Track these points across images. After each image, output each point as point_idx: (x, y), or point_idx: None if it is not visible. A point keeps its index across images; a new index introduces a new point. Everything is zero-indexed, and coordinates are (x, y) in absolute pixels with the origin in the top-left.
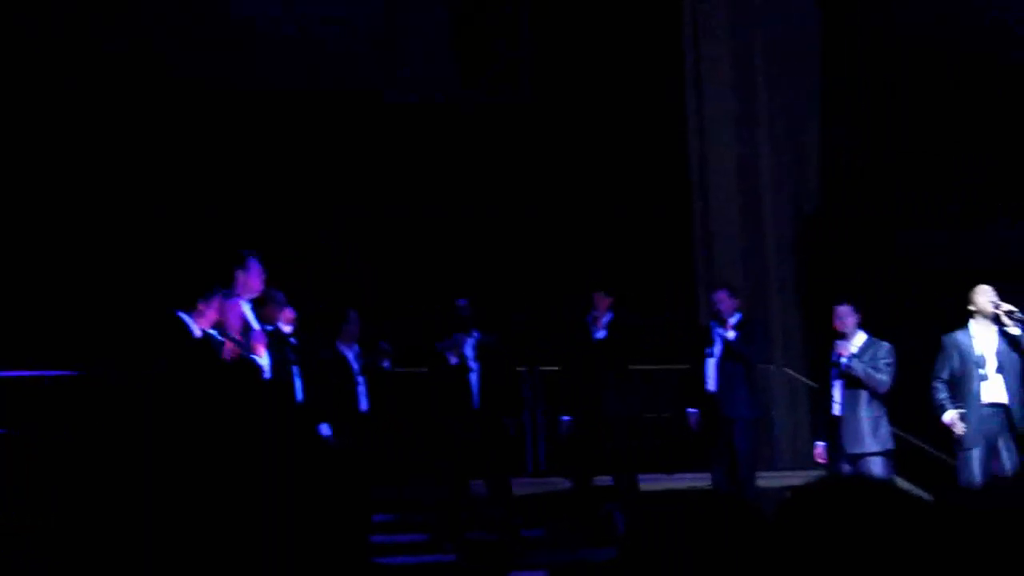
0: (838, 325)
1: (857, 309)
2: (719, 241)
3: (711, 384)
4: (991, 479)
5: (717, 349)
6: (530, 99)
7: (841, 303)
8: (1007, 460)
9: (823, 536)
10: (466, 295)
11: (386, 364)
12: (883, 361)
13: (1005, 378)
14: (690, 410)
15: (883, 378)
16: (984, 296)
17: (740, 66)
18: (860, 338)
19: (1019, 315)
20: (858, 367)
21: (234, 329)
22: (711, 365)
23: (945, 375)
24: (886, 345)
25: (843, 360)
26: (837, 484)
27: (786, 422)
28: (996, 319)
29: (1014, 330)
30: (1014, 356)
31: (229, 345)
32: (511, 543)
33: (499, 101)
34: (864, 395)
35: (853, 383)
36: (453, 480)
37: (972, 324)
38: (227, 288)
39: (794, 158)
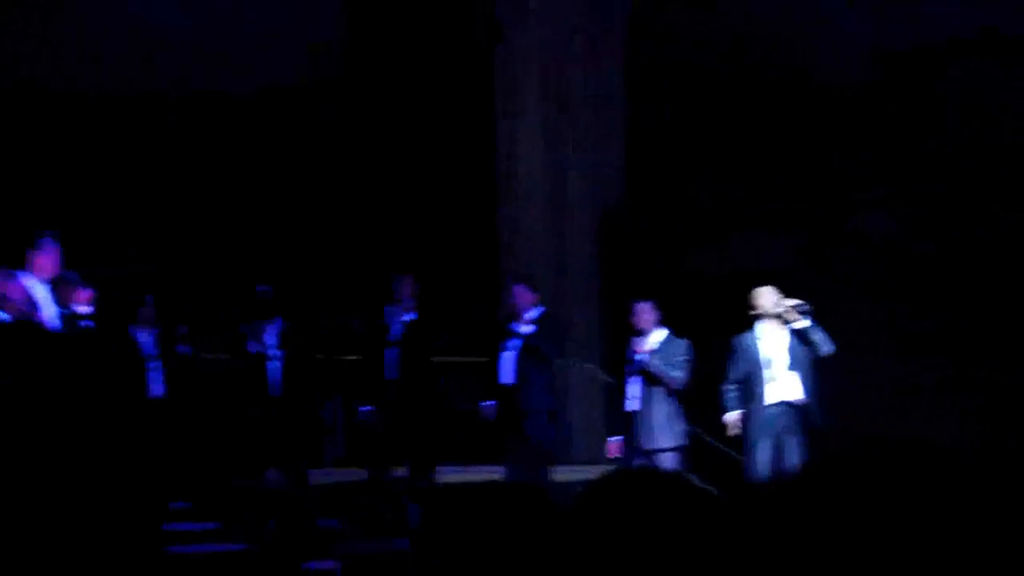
0: (636, 321)
1: (656, 306)
2: (523, 232)
3: (507, 377)
4: (775, 475)
5: (514, 343)
6: (342, 78)
7: (640, 300)
8: (794, 456)
9: (615, 528)
10: (269, 281)
11: (184, 349)
12: (679, 358)
13: (799, 374)
14: (485, 403)
15: (678, 375)
16: (766, 297)
17: (549, 49)
18: (659, 335)
19: (804, 307)
20: (654, 363)
21: (15, 305)
22: (507, 359)
23: (735, 378)
24: (683, 342)
25: (639, 356)
26: (629, 477)
27: (582, 416)
28: (782, 317)
29: (802, 323)
30: (804, 350)
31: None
32: (305, 533)
33: (310, 85)
34: (660, 391)
35: (649, 379)
36: (249, 468)
37: (759, 326)
38: (14, 268)
39: (600, 151)
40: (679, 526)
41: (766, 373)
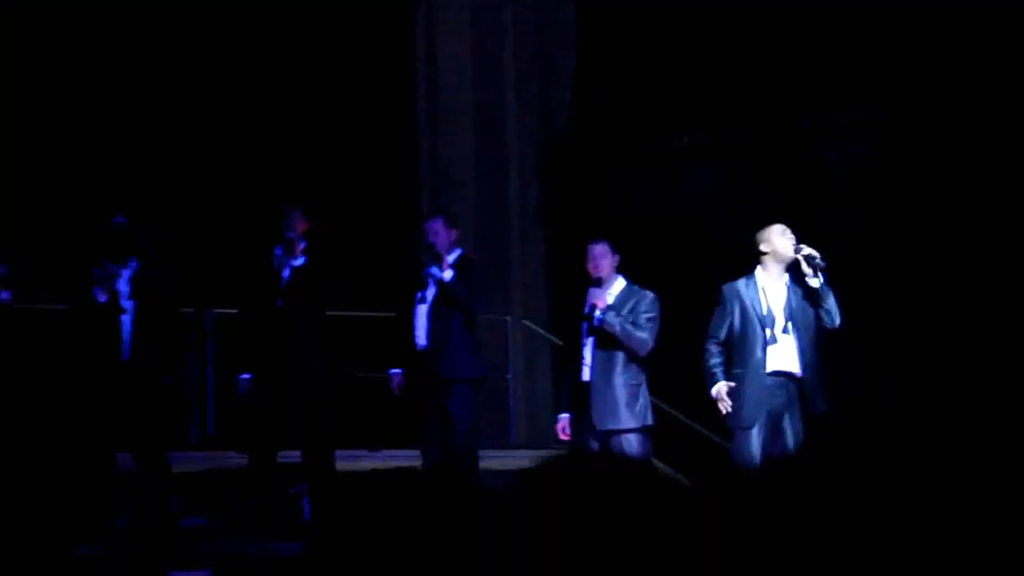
0: (592, 269)
1: (615, 249)
2: (451, 164)
3: (421, 337)
4: (768, 460)
5: (430, 293)
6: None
7: (596, 241)
8: (791, 438)
9: (559, 529)
10: (130, 211)
11: (4, 295)
12: (645, 315)
13: (798, 341)
14: (392, 371)
15: (644, 336)
16: (780, 238)
17: None
18: (618, 285)
19: (820, 262)
20: (614, 322)
21: None
22: (421, 313)
23: (722, 335)
24: (649, 295)
25: (596, 313)
26: (580, 464)
27: (523, 389)
28: (793, 267)
29: (813, 281)
30: (810, 313)
31: None
32: (168, 534)
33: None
34: (620, 358)
35: (607, 342)
36: (94, 451)
37: (760, 272)
38: None
39: (544, 72)
40: (640, 527)
41: (768, 333)
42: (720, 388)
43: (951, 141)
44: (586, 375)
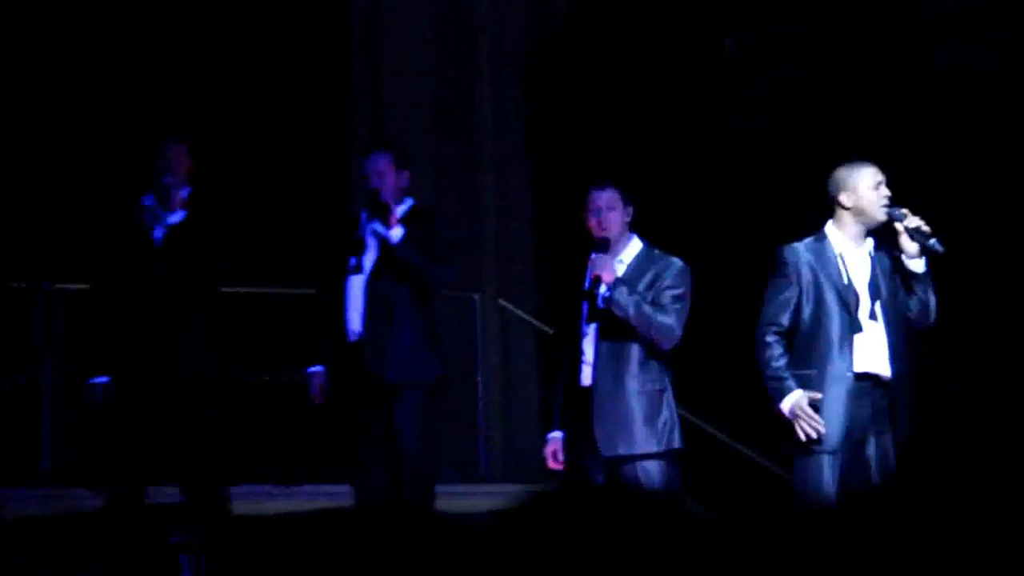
0: (595, 225)
1: (629, 198)
2: (397, 78)
3: (355, 322)
4: (847, 497)
5: (369, 260)
6: None
7: (601, 185)
8: (875, 468)
9: None
10: None
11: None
12: (670, 292)
13: (888, 334)
14: (313, 369)
15: (668, 322)
16: (874, 189)
17: None
18: (632, 249)
19: (930, 239)
20: (626, 301)
21: None
22: (356, 287)
23: (786, 320)
24: (677, 264)
25: (601, 290)
26: (577, 504)
27: (498, 397)
28: (881, 232)
29: (916, 264)
30: (901, 299)
31: None
32: None
33: None
34: (635, 353)
35: (617, 331)
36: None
37: (833, 231)
38: None
39: None
40: None
41: (852, 318)
42: (800, 400)
43: None
44: (587, 377)
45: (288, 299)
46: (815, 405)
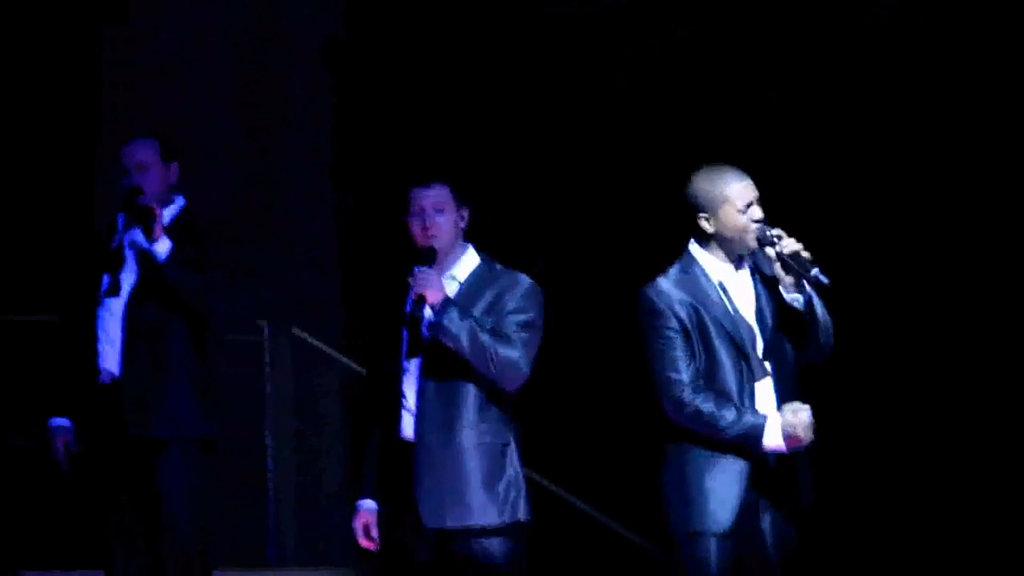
0: (419, 232)
1: (463, 198)
2: (155, 73)
3: (110, 360)
4: None
5: (128, 281)
6: None
7: (426, 183)
8: (772, 541)
9: None
10: None
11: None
12: (515, 318)
13: (776, 378)
14: (56, 421)
15: (513, 355)
16: (740, 206)
17: None
18: (467, 263)
19: (812, 268)
20: (459, 329)
21: None
22: (113, 317)
23: (693, 374)
24: (523, 282)
25: (427, 314)
26: None
27: (290, 458)
28: (758, 262)
29: (793, 297)
30: (785, 335)
31: None
32: None
33: None
34: (471, 395)
35: (445, 367)
36: None
37: (703, 255)
38: None
39: None
40: None
41: (749, 367)
42: (784, 422)
43: None
44: (408, 428)
45: (19, 328)
46: (673, 474)
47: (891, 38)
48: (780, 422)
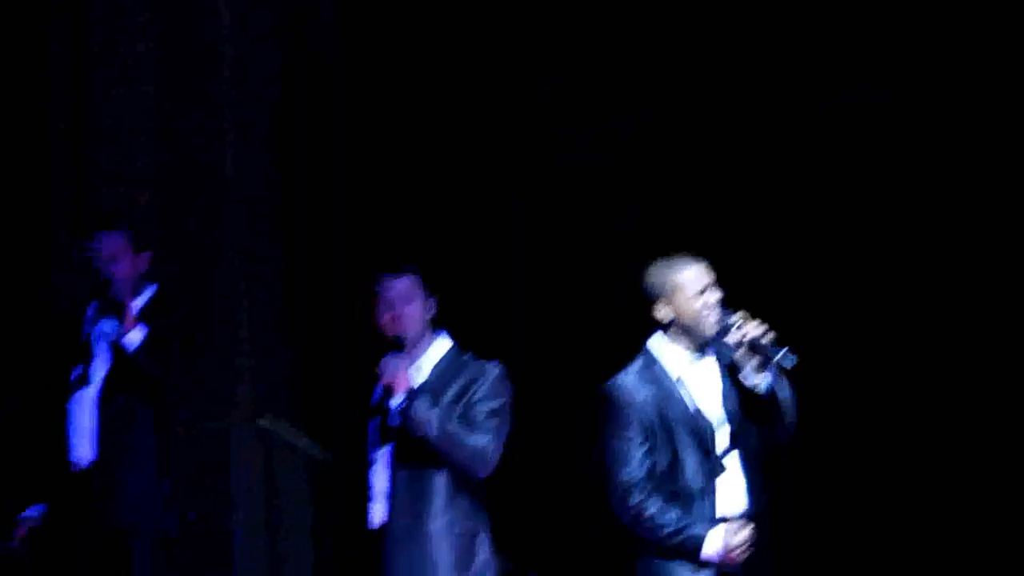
0: (388, 323)
1: (431, 288)
2: (109, 137)
3: (83, 448)
4: None
5: (98, 373)
6: None
7: (395, 274)
8: None
9: None
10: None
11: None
12: (485, 405)
13: (744, 463)
14: (27, 512)
15: (482, 443)
16: (695, 290)
17: None
18: (436, 351)
19: (776, 351)
20: (427, 417)
21: None
22: (84, 407)
23: (647, 477)
24: (493, 370)
25: (395, 402)
26: None
27: (263, 551)
28: (722, 348)
29: (757, 380)
30: (751, 422)
31: None
32: None
33: None
34: (440, 483)
35: (414, 455)
36: None
37: (664, 349)
38: None
39: None
40: None
41: (711, 463)
42: (726, 536)
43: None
44: (377, 517)
45: None
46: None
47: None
48: (720, 538)
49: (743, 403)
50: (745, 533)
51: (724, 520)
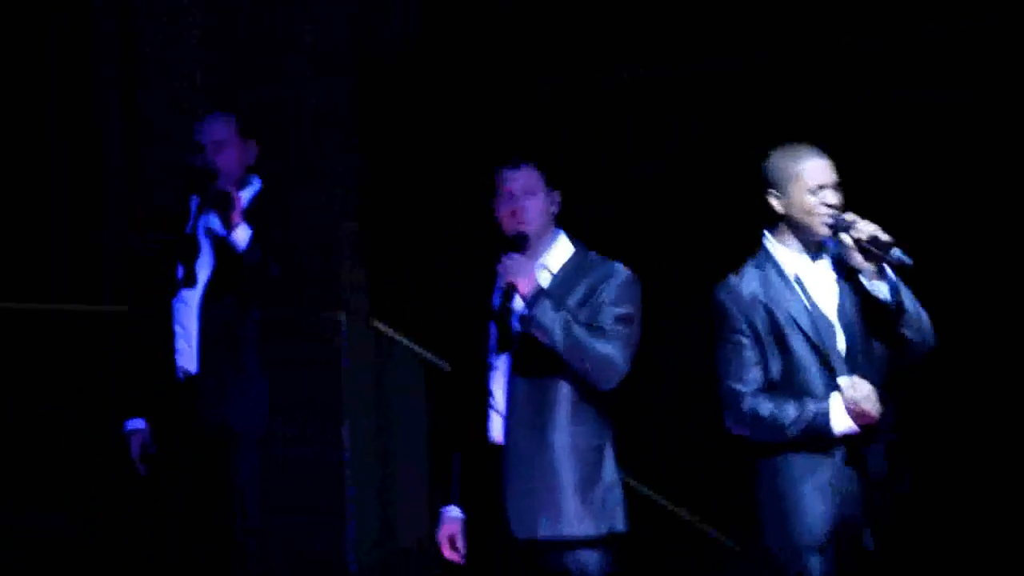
0: (507, 218)
1: (551, 176)
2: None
3: (188, 360)
4: None
5: (203, 273)
6: None
7: (514, 163)
8: (875, 553)
9: None
10: None
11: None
12: (613, 311)
13: (872, 374)
14: (131, 424)
15: (610, 351)
16: (810, 187)
17: None
18: (560, 252)
19: (892, 249)
20: (551, 322)
21: None
22: (189, 311)
23: (759, 377)
24: (621, 272)
25: (517, 305)
26: None
27: (372, 462)
28: (854, 247)
29: (877, 288)
30: (874, 330)
31: None
32: None
33: None
34: (564, 394)
35: (537, 364)
36: None
37: (777, 248)
38: None
39: None
40: None
41: (833, 369)
42: (847, 398)
43: None
44: (496, 431)
45: (83, 318)
46: (765, 486)
47: None
48: (841, 403)
49: (866, 313)
50: (865, 385)
51: (844, 447)
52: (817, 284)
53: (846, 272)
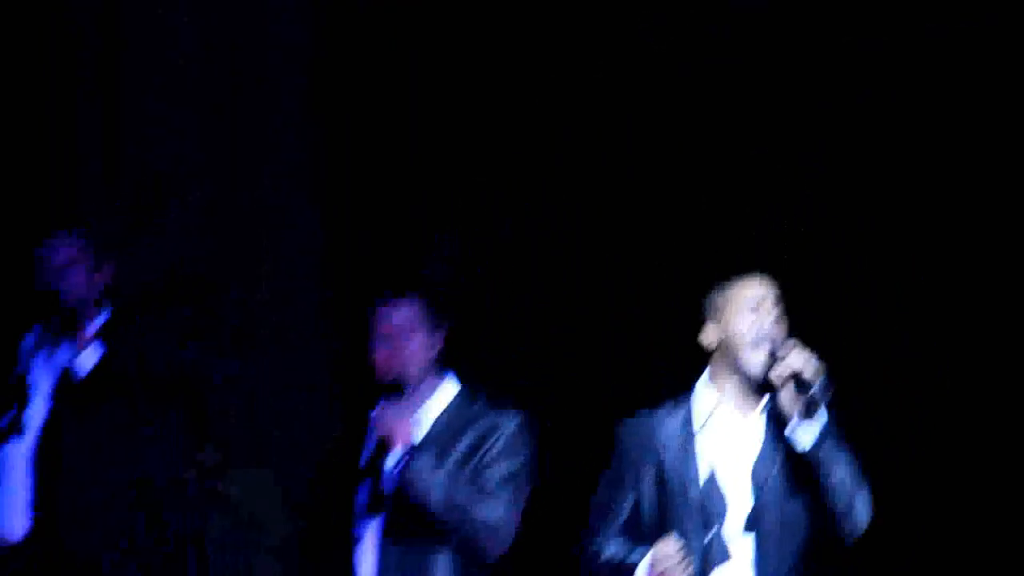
0: (382, 360)
1: (438, 311)
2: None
3: (14, 520)
4: None
5: (36, 415)
6: None
7: (391, 299)
8: None
9: None
10: None
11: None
12: (501, 467)
13: (762, 547)
14: None
15: (495, 515)
16: (749, 304)
17: None
18: (444, 395)
19: (816, 391)
20: (428, 480)
21: None
22: (18, 463)
23: (614, 528)
24: (511, 421)
25: (390, 462)
26: None
27: None
28: (768, 389)
29: (803, 433)
30: (796, 499)
31: None
32: None
33: None
34: (442, 565)
35: (412, 527)
36: None
37: (706, 392)
38: None
39: None
40: None
41: (713, 546)
42: (655, 556)
43: None
44: None
45: None
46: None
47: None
48: (649, 562)
49: (790, 473)
50: (669, 547)
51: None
52: (734, 436)
53: (778, 427)
